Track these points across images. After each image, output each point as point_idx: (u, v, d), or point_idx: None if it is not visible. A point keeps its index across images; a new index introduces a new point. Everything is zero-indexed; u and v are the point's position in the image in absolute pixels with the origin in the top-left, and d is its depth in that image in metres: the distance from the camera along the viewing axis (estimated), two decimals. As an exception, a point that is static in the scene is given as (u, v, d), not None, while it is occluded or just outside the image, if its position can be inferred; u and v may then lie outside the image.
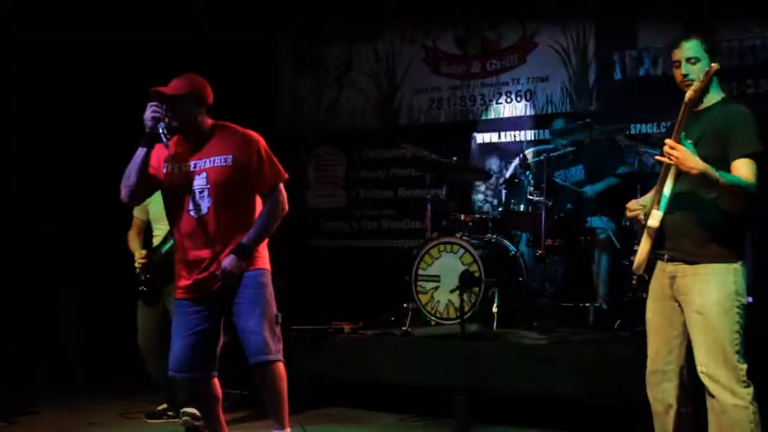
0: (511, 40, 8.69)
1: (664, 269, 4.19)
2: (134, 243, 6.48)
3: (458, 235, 6.98)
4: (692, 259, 4.07)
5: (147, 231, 6.55)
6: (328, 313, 7.06)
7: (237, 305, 4.70)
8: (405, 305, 7.02)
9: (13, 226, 7.91)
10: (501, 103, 8.73)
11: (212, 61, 8.86)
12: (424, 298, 6.93)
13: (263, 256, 4.80)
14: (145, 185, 4.73)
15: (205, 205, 4.66)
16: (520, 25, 8.62)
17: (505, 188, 7.21)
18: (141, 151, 4.63)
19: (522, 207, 7.03)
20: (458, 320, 6.43)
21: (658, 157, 4.01)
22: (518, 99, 8.62)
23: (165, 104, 4.60)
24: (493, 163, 8.09)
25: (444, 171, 7.34)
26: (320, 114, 9.66)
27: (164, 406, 6.51)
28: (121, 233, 6.52)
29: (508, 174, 7.54)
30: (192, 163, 4.70)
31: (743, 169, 3.96)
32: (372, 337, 6.79)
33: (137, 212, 6.53)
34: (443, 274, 6.85)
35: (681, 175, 4.00)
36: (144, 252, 6.33)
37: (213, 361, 4.83)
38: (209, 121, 4.77)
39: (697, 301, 4.03)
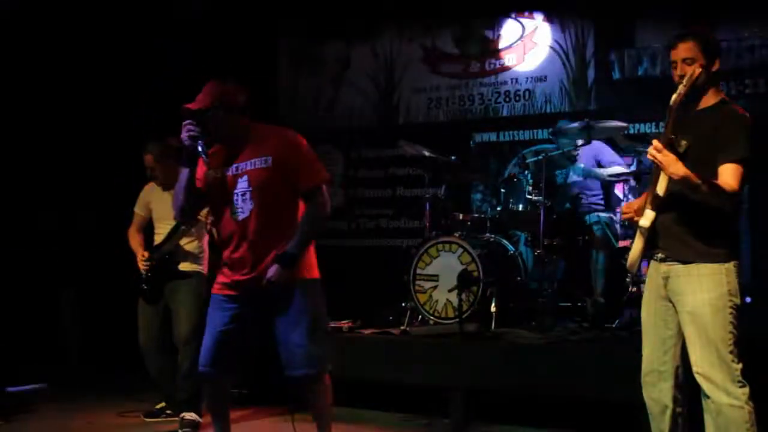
0: (510, 40, 8.70)
1: (658, 269, 4.19)
2: (135, 241, 6.47)
3: (457, 235, 7.00)
4: (685, 259, 4.07)
5: (149, 229, 6.55)
6: (326, 312, 7.06)
7: (280, 317, 4.61)
8: (403, 304, 7.03)
9: (12, 226, 7.90)
10: (500, 103, 8.73)
11: (211, 60, 8.89)
12: (422, 298, 6.93)
13: (310, 263, 4.72)
14: (195, 200, 4.72)
15: (247, 208, 4.58)
16: (518, 24, 8.62)
17: (503, 188, 7.21)
18: (184, 172, 4.61)
19: (520, 206, 7.03)
20: (457, 320, 6.44)
21: (648, 156, 4.00)
22: (517, 98, 8.62)
23: (198, 119, 4.55)
24: (492, 163, 8.09)
25: (443, 170, 7.34)
26: (319, 113, 9.66)
27: (163, 404, 6.52)
28: (120, 233, 6.52)
29: (506, 173, 7.53)
30: (233, 167, 4.63)
31: (727, 174, 3.94)
32: (370, 337, 6.80)
33: (138, 208, 6.53)
34: (442, 273, 6.86)
35: None
36: (147, 253, 6.32)
37: (239, 362, 4.75)
38: (247, 123, 4.70)
39: (690, 301, 4.03)
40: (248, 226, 4.58)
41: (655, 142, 3.94)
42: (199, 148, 4.51)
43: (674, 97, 3.99)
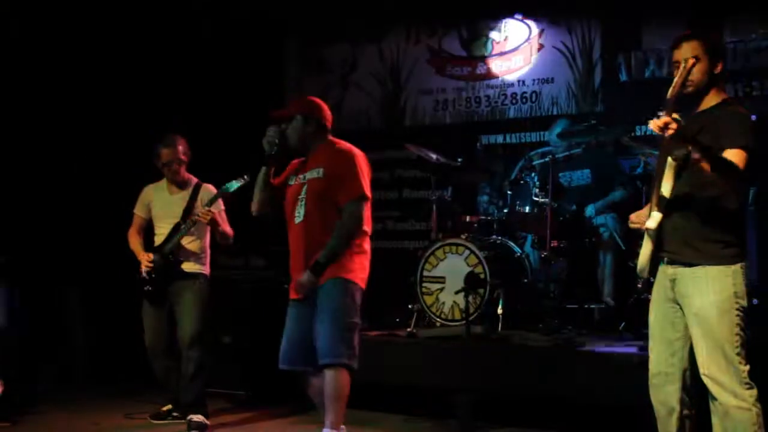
0: (517, 42, 8.69)
1: (665, 272, 4.18)
2: (135, 242, 6.45)
3: (463, 237, 6.99)
4: (692, 261, 4.05)
5: (149, 229, 6.54)
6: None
7: (316, 311, 4.96)
8: (410, 306, 7.04)
9: (16, 225, 7.89)
10: (506, 105, 8.72)
11: (217, 62, 8.90)
12: (429, 300, 6.93)
13: (346, 265, 5.00)
14: (269, 199, 5.21)
15: (302, 213, 5.03)
16: (525, 26, 8.61)
17: (510, 190, 7.20)
18: (262, 170, 5.15)
19: (527, 208, 7.03)
20: (463, 322, 6.43)
21: (651, 125, 3.88)
22: (523, 100, 8.61)
23: (280, 125, 5.11)
24: (498, 165, 8.07)
25: (449, 172, 7.33)
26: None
27: (169, 407, 6.50)
28: (125, 232, 6.51)
29: (513, 175, 7.52)
30: (301, 176, 5.12)
31: (733, 156, 3.88)
32: (377, 339, 6.79)
33: (138, 210, 6.52)
34: (448, 275, 6.86)
35: (680, 175, 3.99)
36: (150, 255, 6.31)
37: (315, 358, 4.96)
38: (325, 139, 5.17)
39: (696, 303, 4.02)
40: (301, 230, 5.04)
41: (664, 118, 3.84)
42: (272, 152, 5.08)
43: (670, 90, 3.98)
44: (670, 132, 3.74)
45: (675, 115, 3.75)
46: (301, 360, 5.00)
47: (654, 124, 3.80)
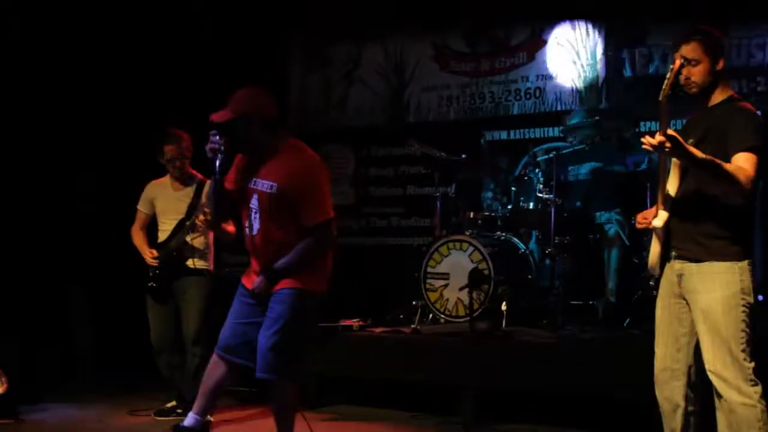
0: (521, 38, 8.68)
1: (672, 267, 4.19)
2: (139, 239, 6.46)
3: (467, 233, 6.99)
4: (699, 257, 4.06)
5: (152, 226, 6.54)
6: (336, 310, 7.06)
7: (264, 319, 4.73)
8: (414, 303, 7.03)
9: (21, 224, 7.90)
10: (510, 101, 8.71)
11: (221, 59, 8.89)
12: (433, 296, 6.93)
13: (305, 273, 4.74)
14: (228, 205, 4.88)
15: (255, 226, 4.73)
16: (529, 22, 8.60)
17: (514, 186, 7.20)
18: (213, 181, 4.75)
19: (531, 205, 7.03)
20: (467, 318, 6.44)
21: (645, 143, 3.97)
22: (527, 97, 8.60)
23: (221, 131, 4.63)
24: (502, 161, 8.06)
25: (453, 169, 7.33)
26: (329, 112, 9.64)
27: (174, 403, 6.51)
28: (129, 229, 6.51)
29: (517, 172, 7.52)
30: (252, 181, 4.73)
31: (741, 161, 3.93)
32: (381, 335, 6.79)
33: (141, 206, 6.51)
34: (452, 272, 6.86)
35: (686, 173, 4.01)
36: (154, 251, 6.32)
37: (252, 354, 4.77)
38: (276, 136, 4.75)
39: (703, 299, 4.03)
40: (255, 242, 4.77)
41: (658, 137, 3.92)
42: (217, 162, 4.63)
43: (660, 94, 4.00)
44: (667, 152, 3.88)
45: (671, 131, 3.83)
46: (237, 352, 4.85)
47: (648, 143, 3.88)
